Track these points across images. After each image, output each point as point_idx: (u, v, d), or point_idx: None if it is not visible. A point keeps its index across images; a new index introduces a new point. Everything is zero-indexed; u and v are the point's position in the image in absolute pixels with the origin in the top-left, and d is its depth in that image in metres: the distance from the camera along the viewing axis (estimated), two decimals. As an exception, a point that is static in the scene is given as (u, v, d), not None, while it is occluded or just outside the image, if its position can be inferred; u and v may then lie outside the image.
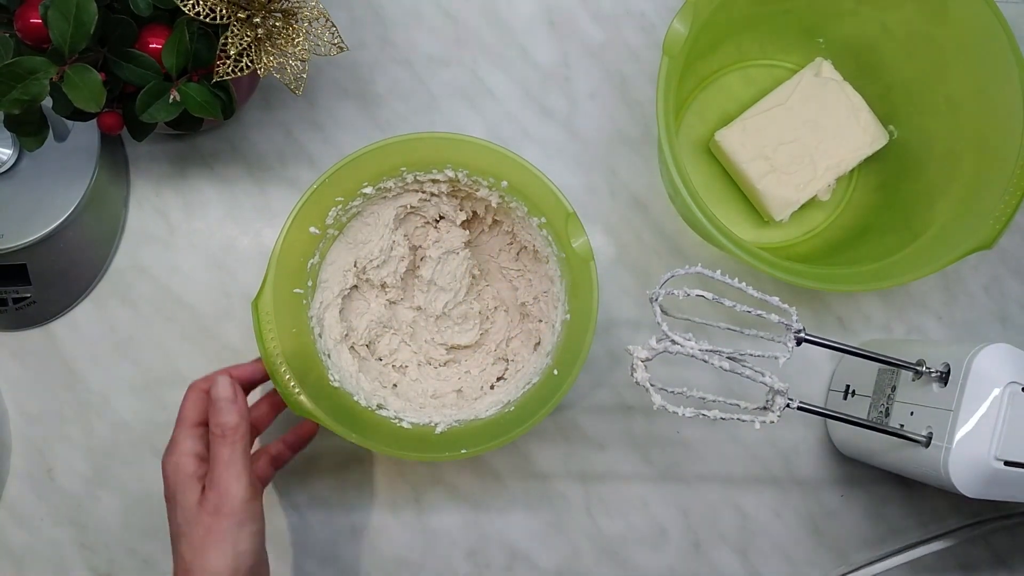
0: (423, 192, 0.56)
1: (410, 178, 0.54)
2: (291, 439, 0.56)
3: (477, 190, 0.55)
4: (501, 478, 0.61)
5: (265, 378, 0.52)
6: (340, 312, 0.57)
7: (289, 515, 0.60)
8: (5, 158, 0.57)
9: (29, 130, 0.49)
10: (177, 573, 0.46)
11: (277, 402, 0.55)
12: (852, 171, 0.63)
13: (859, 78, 0.61)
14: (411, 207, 0.57)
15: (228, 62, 0.48)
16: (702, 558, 0.62)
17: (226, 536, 0.45)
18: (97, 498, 0.60)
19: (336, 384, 0.54)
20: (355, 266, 0.57)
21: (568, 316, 0.53)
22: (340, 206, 0.53)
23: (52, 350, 0.60)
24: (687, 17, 0.52)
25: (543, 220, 0.53)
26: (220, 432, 0.47)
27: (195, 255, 0.62)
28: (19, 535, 0.60)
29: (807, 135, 0.60)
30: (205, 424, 0.48)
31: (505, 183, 0.53)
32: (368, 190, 0.53)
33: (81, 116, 0.49)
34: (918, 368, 0.51)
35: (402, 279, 0.59)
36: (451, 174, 0.54)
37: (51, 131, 0.51)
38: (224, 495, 0.45)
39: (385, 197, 0.56)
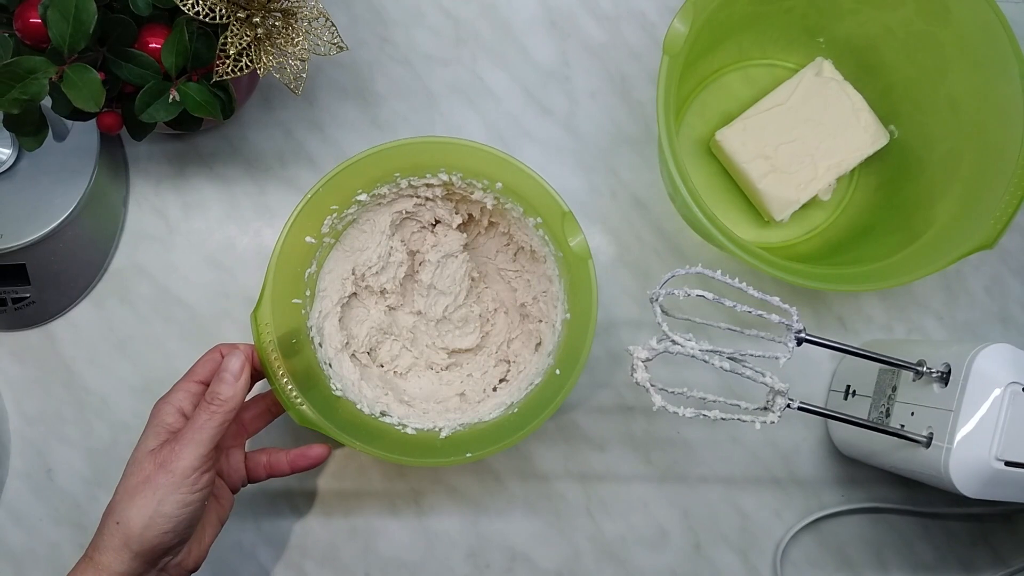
0: (418, 197, 0.56)
1: (404, 183, 0.54)
2: (294, 456, 0.54)
3: (472, 193, 0.55)
4: (501, 479, 0.61)
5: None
6: (340, 320, 0.57)
7: (289, 515, 0.60)
8: (4, 158, 0.57)
9: (28, 130, 0.49)
10: (107, 506, 0.47)
11: (274, 409, 0.55)
12: (853, 171, 0.63)
13: (860, 78, 0.61)
14: (407, 212, 0.57)
15: (227, 62, 0.48)
16: (702, 559, 0.61)
17: (156, 492, 0.45)
18: (96, 498, 0.60)
19: (338, 393, 0.53)
20: (353, 273, 0.57)
21: (568, 315, 0.53)
22: (335, 214, 0.53)
23: (51, 350, 0.60)
24: (687, 16, 0.52)
25: (539, 220, 0.53)
26: (209, 399, 0.47)
27: (194, 255, 0.61)
28: (18, 536, 0.60)
29: (808, 135, 0.60)
30: (207, 384, 0.49)
31: (500, 184, 0.53)
32: (363, 197, 0.53)
33: (80, 116, 0.49)
34: (919, 368, 0.51)
35: (401, 284, 0.59)
36: (445, 178, 0.54)
37: (50, 131, 0.50)
38: (175, 454, 0.46)
39: (380, 203, 0.56)
